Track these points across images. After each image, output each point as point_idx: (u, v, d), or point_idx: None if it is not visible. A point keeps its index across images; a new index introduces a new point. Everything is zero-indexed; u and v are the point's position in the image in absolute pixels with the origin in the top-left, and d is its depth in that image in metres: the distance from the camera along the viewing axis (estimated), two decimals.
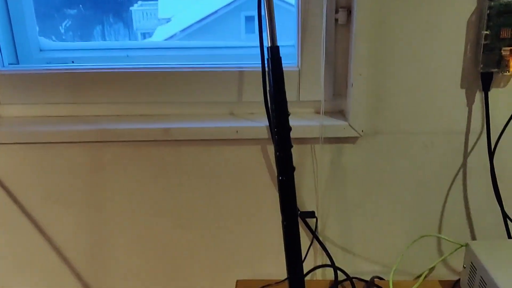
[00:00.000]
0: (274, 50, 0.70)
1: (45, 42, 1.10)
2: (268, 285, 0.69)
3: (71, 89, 0.98)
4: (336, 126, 0.95)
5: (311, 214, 0.72)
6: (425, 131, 0.96)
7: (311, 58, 0.96)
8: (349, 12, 0.91)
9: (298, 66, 0.97)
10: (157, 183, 0.99)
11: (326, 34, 0.93)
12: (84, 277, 1.07)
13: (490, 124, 0.93)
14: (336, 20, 0.92)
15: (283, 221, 0.68)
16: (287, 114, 0.67)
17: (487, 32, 0.87)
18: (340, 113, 1.00)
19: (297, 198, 0.98)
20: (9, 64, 1.04)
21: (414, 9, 0.88)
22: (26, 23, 1.05)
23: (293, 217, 0.67)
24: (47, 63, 1.07)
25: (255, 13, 0.85)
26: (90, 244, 1.04)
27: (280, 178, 0.66)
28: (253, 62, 0.99)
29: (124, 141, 0.96)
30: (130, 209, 1.01)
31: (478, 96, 0.93)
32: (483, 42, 0.88)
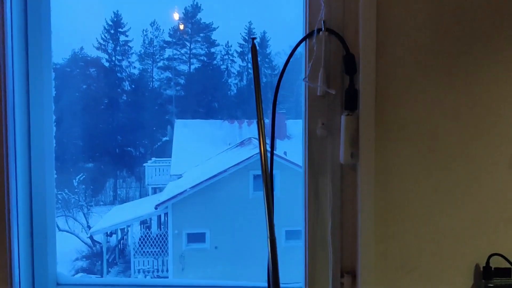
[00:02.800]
0: None
1: (62, 276, 1.13)
2: None
3: None
4: None
5: None
6: None
7: None
8: (353, 277, 0.94)
9: None
10: None
11: None
12: None
13: None
14: (342, 284, 0.95)
15: None
16: None
17: None
18: None
19: None
20: None
21: (415, 283, 0.90)
22: (48, 259, 1.09)
23: None
24: None
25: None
26: None
27: None
28: None
29: None
30: None
31: None
32: None
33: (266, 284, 0.92)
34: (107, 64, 4.58)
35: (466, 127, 0.91)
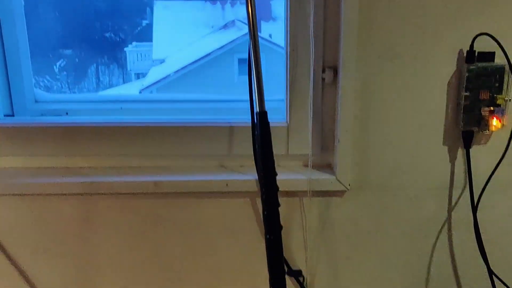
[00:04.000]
0: (262, 116, 0.73)
1: (40, 93, 1.12)
2: None
3: (64, 141, 1.00)
4: (324, 180, 0.98)
5: (298, 273, 0.73)
6: (410, 186, 0.98)
7: (299, 114, 1.00)
8: (335, 72, 0.95)
9: (286, 121, 1.00)
10: (146, 237, 1.00)
11: (314, 92, 0.97)
12: None
13: (472, 180, 0.96)
14: (323, 79, 0.96)
15: (270, 280, 0.69)
16: (274, 175, 0.70)
17: (467, 94, 0.92)
18: (328, 167, 1.02)
19: (286, 251, 0.99)
20: (4, 115, 1.06)
21: (397, 70, 0.92)
22: (23, 75, 1.08)
23: (280, 276, 0.69)
24: (42, 115, 1.09)
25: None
26: None
27: (268, 236, 0.67)
28: (243, 117, 1.02)
29: (114, 193, 0.97)
30: (119, 262, 1.02)
31: (460, 153, 0.97)
32: (463, 102, 0.92)
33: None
34: None
35: None
